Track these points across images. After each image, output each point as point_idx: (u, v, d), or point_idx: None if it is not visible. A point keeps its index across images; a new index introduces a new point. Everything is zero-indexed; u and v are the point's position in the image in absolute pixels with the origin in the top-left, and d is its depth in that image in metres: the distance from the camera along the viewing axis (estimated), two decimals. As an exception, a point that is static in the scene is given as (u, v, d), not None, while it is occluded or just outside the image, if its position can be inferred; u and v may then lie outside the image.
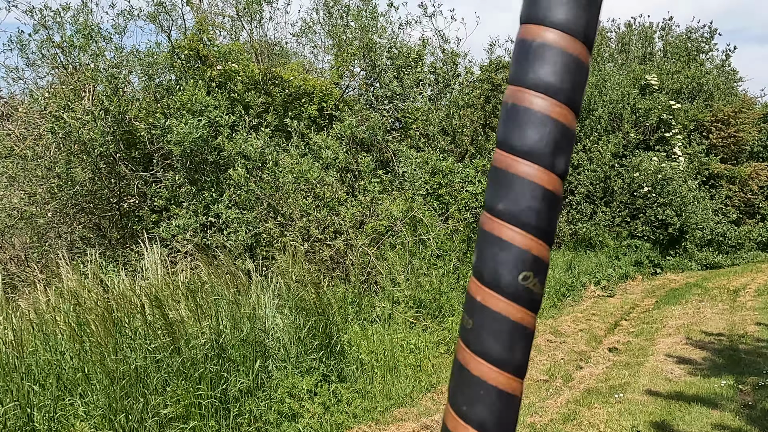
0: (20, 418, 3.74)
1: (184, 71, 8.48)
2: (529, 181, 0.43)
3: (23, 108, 8.62)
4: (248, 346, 4.64)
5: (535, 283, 0.43)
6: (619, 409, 5.02)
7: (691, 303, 9.59)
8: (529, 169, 0.43)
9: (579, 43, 0.42)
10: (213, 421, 4.09)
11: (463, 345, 0.45)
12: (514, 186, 0.43)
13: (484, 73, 11.27)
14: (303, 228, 7.57)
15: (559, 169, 0.43)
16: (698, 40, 18.92)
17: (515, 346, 0.44)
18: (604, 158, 14.18)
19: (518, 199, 0.43)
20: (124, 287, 5.19)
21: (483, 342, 0.44)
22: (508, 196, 0.43)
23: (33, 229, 7.95)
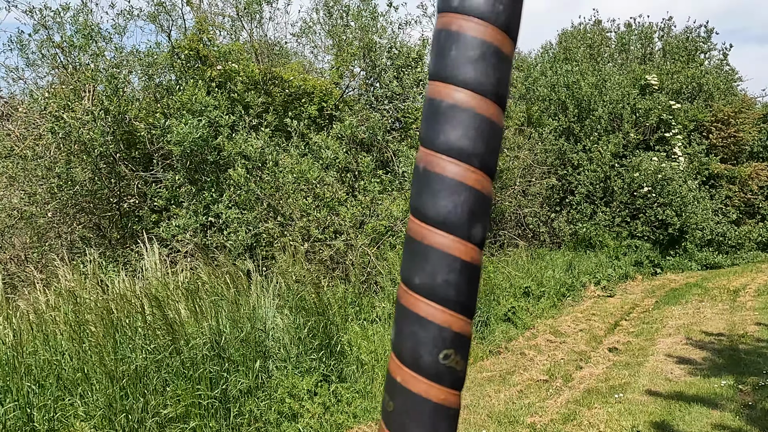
0: (20, 418, 3.74)
1: (184, 71, 8.48)
2: (445, 252, 0.40)
3: (23, 108, 8.62)
4: (248, 346, 4.64)
5: (458, 360, 0.41)
6: (619, 409, 5.01)
7: (691, 303, 9.59)
8: (444, 240, 0.40)
9: (491, 102, 0.40)
10: (213, 421, 4.09)
11: (384, 428, 0.43)
12: (429, 258, 0.41)
13: (484, 73, 11.25)
14: (303, 228, 7.57)
15: (476, 238, 0.41)
16: (696, 40, 18.92)
17: (437, 428, 0.41)
18: (604, 158, 14.17)
19: (435, 272, 0.41)
20: (124, 287, 5.19)
21: (404, 426, 0.41)
22: (425, 269, 0.41)
23: (33, 229, 7.95)
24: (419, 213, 0.41)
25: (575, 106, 15.02)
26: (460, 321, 0.41)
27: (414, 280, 0.41)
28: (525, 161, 13.20)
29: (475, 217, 0.41)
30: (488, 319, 7.52)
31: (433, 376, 0.41)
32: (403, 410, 0.41)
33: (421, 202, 0.41)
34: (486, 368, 6.22)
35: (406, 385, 0.41)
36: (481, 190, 0.41)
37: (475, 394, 5.44)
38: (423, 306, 0.41)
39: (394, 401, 0.42)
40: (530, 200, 13.45)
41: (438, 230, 0.40)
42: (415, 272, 0.41)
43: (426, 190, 0.41)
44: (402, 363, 0.42)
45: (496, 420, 4.83)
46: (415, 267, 0.41)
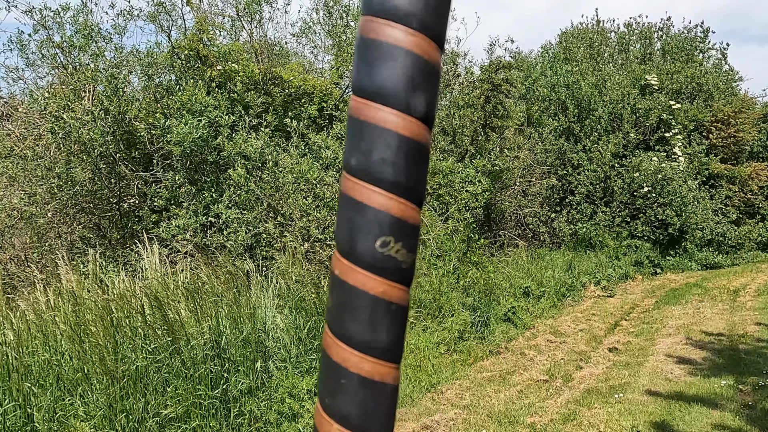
0: (20, 418, 3.74)
1: (184, 71, 8.48)
2: (381, 127, 0.36)
3: (23, 108, 8.62)
4: (248, 347, 4.64)
5: (398, 249, 0.37)
6: (619, 409, 5.01)
7: (691, 303, 9.59)
8: (380, 114, 0.36)
9: (418, 122, 0.37)
10: (214, 421, 4.09)
11: (326, 328, 0.39)
12: (365, 135, 0.37)
13: (484, 73, 11.27)
14: (303, 228, 7.57)
15: (417, 110, 0.36)
16: (694, 40, 18.93)
17: (378, 325, 0.37)
18: (604, 158, 14.18)
19: (370, 150, 0.37)
20: (124, 287, 5.19)
21: (342, 323, 0.38)
22: (360, 149, 0.37)
23: (33, 229, 7.95)
24: (357, 88, 0.37)
25: (575, 106, 15.02)
26: (400, 205, 0.37)
27: (351, 162, 0.37)
28: (525, 161, 13.20)
29: (417, 86, 0.36)
30: (488, 319, 7.51)
31: (368, 266, 0.37)
32: (339, 304, 0.38)
33: (358, 75, 0.37)
34: (486, 368, 6.22)
35: (343, 278, 0.38)
36: (423, 55, 0.36)
37: (475, 394, 5.44)
38: (359, 189, 0.37)
39: (332, 296, 0.38)
40: (530, 200, 13.46)
41: (373, 102, 0.36)
42: (352, 154, 0.37)
43: (362, 61, 0.37)
44: (340, 254, 0.38)
45: (496, 420, 4.83)
46: (352, 148, 0.37)
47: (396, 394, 0.39)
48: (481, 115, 11.01)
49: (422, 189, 0.38)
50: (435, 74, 0.37)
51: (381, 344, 0.37)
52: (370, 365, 0.37)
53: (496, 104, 11.09)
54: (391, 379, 0.38)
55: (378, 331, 0.37)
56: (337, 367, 0.38)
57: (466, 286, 7.86)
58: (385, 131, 0.36)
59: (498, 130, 11.48)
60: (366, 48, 0.37)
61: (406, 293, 0.38)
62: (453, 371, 6.03)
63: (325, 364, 0.39)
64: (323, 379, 0.39)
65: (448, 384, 5.68)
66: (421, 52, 0.36)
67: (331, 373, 0.38)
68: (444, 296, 7.30)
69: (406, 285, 0.38)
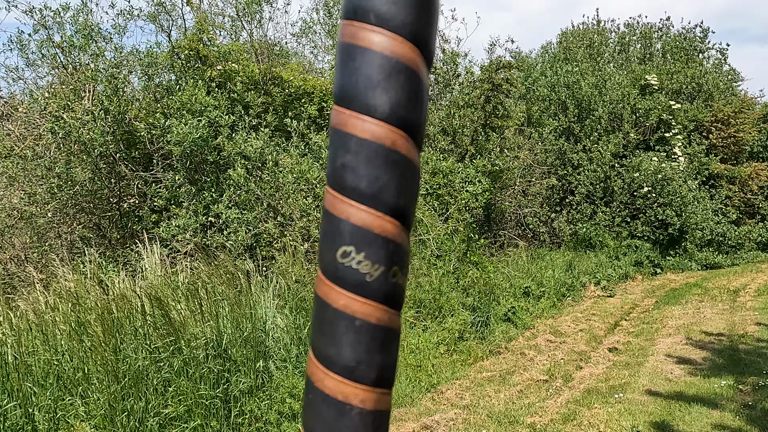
0: (21, 418, 3.74)
1: (184, 71, 8.47)
2: (342, 131, 0.35)
3: (23, 108, 8.62)
4: (249, 346, 4.64)
5: (360, 260, 0.35)
6: (619, 409, 5.02)
7: (691, 303, 9.59)
8: (341, 117, 0.35)
9: (401, 133, 0.35)
10: (214, 421, 4.09)
11: None
12: (332, 141, 0.35)
13: (485, 73, 11.27)
14: (303, 228, 7.57)
15: (379, 112, 0.34)
16: (694, 40, 18.93)
17: (340, 340, 0.35)
18: (604, 158, 14.18)
19: (334, 156, 0.35)
20: (124, 287, 5.19)
21: (313, 335, 0.37)
22: (329, 156, 0.36)
23: (33, 229, 7.95)
24: (339, 100, 0.36)
25: (575, 106, 15.02)
26: (362, 212, 0.34)
27: (327, 173, 0.36)
28: (525, 161, 13.21)
29: (376, 84, 0.34)
30: (488, 319, 7.51)
31: (331, 277, 0.35)
32: (313, 316, 0.37)
33: (339, 84, 0.35)
34: (486, 368, 6.22)
35: (315, 289, 0.37)
36: (383, 52, 0.34)
37: (475, 394, 5.44)
38: (327, 197, 0.36)
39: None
40: (530, 200, 13.46)
41: (337, 106, 0.35)
42: (329, 164, 0.36)
43: (336, 65, 0.35)
44: (319, 268, 0.37)
45: (496, 420, 4.83)
46: (333, 157, 0.36)
47: (369, 419, 0.36)
48: (481, 115, 11.01)
49: (390, 197, 0.35)
50: (406, 72, 0.34)
51: (343, 361, 0.35)
52: (333, 383, 0.36)
53: (496, 104, 11.09)
54: (358, 401, 0.35)
55: (340, 346, 0.35)
56: (307, 381, 0.37)
57: (466, 286, 7.86)
58: (345, 135, 0.35)
59: (498, 130, 11.48)
60: (339, 52, 0.35)
61: (377, 310, 0.35)
62: (453, 371, 6.03)
63: (307, 385, 0.38)
64: (305, 393, 0.38)
65: (448, 384, 5.68)
66: (385, 51, 0.34)
67: (306, 387, 0.37)
68: (444, 296, 7.30)
69: (375, 300, 0.35)
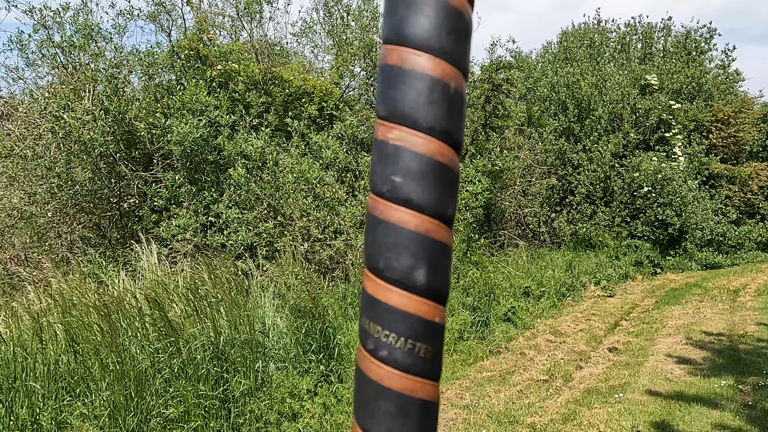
0: (25, 419, 3.74)
1: (184, 71, 8.47)
2: (396, 145, 0.39)
3: (23, 108, 8.61)
4: (248, 347, 4.64)
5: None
6: (619, 409, 5.02)
7: (691, 303, 9.59)
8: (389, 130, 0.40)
9: (443, 144, 0.39)
10: (214, 422, 4.09)
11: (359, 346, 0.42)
12: (386, 153, 0.40)
13: (485, 73, 11.26)
14: (303, 228, 7.57)
15: (428, 127, 0.38)
16: (698, 41, 18.92)
17: None
18: (604, 158, 14.17)
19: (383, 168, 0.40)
20: (124, 287, 5.19)
21: None
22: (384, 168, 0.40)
23: (33, 229, 7.95)
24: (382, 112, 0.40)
25: (575, 106, 15.02)
26: (426, 222, 0.39)
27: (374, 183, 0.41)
28: (525, 161, 13.20)
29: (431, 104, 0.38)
30: (488, 318, 7.51)
31: (380, 276, 0.40)
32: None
33: (382, 99, 0.39)
34: (486, 368, 6.22)
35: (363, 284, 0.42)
36: (442, 78, 0.38)
37: (475, 394, 5.44)
38: (377, 206, 0.40)
39: None
40: (530, 200, 13.45)
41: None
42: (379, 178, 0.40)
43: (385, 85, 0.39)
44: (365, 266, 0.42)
45: (496, 420, 4.83)
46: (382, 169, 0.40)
47: None
48: (481, 114, 11.01)
49: (438, 205, 0.39)
50: (456, 97, 0.38)
51: None
52: None
53: (496, 104, 11.09)
54: None
55: None
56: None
57: (466, 286, 7.86)
58: (396, 147, 0.38)
59: (498, 129, 11.48)
60: (384, 73, 0.39)
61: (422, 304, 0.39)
62: (453, 371, 6.03)
63: None
64: None
65: (448, 384, 5.68)
66: (442, 76, 0.37)
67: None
68: (444, 296, 7.28)
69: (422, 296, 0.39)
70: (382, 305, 0.38)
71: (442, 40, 0.37)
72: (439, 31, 0.37)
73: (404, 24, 0.38)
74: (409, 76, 0.37)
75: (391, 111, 0.38)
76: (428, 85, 0.37)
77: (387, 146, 0.38)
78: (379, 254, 0.39)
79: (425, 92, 0.37)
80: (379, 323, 0.38)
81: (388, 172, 0.38)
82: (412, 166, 0.38)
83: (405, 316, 0.38)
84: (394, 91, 0.38)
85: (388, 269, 0.38)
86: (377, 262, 0.39)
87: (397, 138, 0.38)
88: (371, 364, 0.39)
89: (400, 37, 0.38)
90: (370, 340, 0.39)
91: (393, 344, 0.38)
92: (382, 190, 0.39)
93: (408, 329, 0.38)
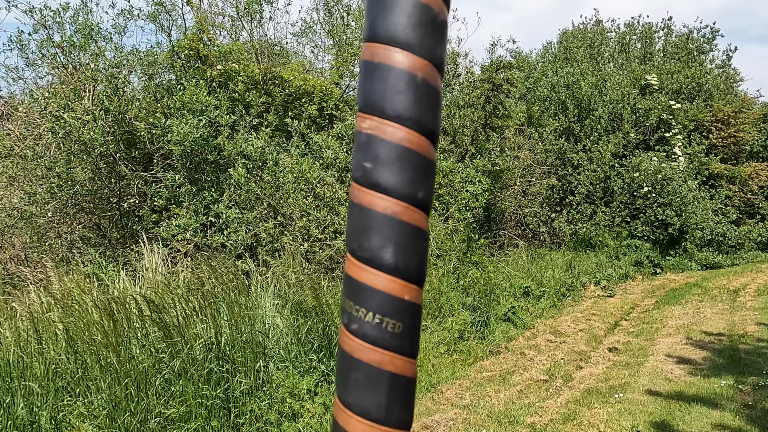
0: (24, 418, 3.74)
1: (184, 71, 8.47)
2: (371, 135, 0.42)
3: (23, 108, 8.61)
4: (249, 347, 4.64)
5: None
6: (619, 409, 5.01)
7: (691, 303, 9.59)
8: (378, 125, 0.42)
9: (419, 135, 0.41)
10: (215, 421, 4.09)
11: None
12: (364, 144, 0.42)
13: (485, 73, 11.26)
14: (303, 228, 7.56)
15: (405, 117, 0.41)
16: (699, 41, 18.91)
17: None
18: (604, 158, 14.17)
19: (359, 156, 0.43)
20: (125, 287, 5.19)
21: None
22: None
23: (33, 229, 7.94)
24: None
25: (575, 106, 15.01)
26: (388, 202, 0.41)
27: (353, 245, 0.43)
28: (525, 161, 13.20)
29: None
30: (488, 319, 7.51)
31: (360, 260, 0.42)
32: None
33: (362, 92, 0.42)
34: (486, 368, 6.22)
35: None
36: (416, 72, 0.41)
37: (475, 394, 5.44)
38: (355, 193, 0.43)
39: None
40: (530, 200, 13.45)
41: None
42: (352, 238, 0.43)
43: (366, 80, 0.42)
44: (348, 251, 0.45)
45: (496, 420, 4.83)
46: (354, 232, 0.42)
47: None
48: (481, 114, 11.01)
49: (413, 190, 0.41)
50: (424, 86, 0.41)
51: None
52: None
53: (496, 104, 11.09)
54: None
55: None
56: None
57: (466, 286, 7.86)
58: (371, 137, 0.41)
59: (498, 130, 11.48)
60: (364, 68, 0.42)
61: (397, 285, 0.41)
62: (453, 371, 6.03)
63: None
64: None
65: (448, 384, 5.68)
66: (408, 68, 0.40)
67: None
68: (444, 296, 7.29)
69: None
70: (355, 283, 0.41)
71: (409, 34, 0.40)
72: (405, 26, 0.40)
73: (375, 22, 0.41)
74: (377, 68, 0.40)
75: (365, 102, 0.41)
76: (394, 75, 0.40)
77: (361, 135, 0.41)
78: (353, 236, 0.42)
79: (392, 83, 0.40)
80: (353, 299, 0.41)
81: (360, 158, 0.41)
82: (380, 152, 0.40)
83: (374, 293, 0.41)
84: (367, 84, 0.41)
85: (359, 249, 0.41)
86: (352, 244, 0.42)
87: (369, 127, 0.41)
88: (345, 338, 0.42)
89: (372, 35, 0.41)
90: (345, 316, 0.42)
91: (362, 318, 0.41)
92: (357, 175, 0.42)
93: (376, 305, 0.41)
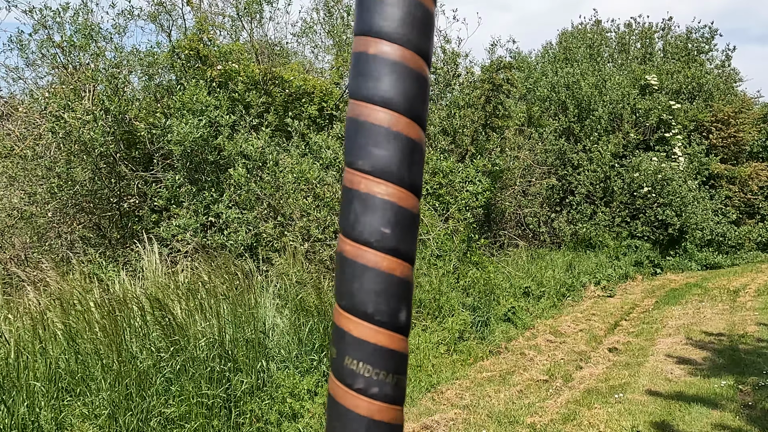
0: (25, 418, 3.74)
1: (184, 71, 8.47)
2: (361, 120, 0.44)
3: (23, 108, 8.61)
4: (249, 347, 4.64)
5: None
6: (619, 409, 5.02)
7: (691, 303, 9.59)
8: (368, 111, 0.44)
9: (409, 120, 0.43)
10: (216, 421, 4.09)
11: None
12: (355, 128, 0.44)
13: (485, 73, 11.26)
14: (303, 228, 7.57)
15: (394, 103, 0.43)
16: (698, 41, 18.91)
17: None
18: (604, 158, 14.17)
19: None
20: (125, 287, 5.19)
21: None
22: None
23: (33, 229, 7.95)
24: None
25: (575, 106, 15.02)
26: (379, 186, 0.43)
27: (347, 228, 0.46)
28: (525, 161, 13.20)
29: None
30: (488, 319, 7.51)
31: (354, 239, 0.44)
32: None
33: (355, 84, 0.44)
34: (486, 368, 6.22)
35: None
36: (406, 63, 0.43)
37: (475, 394, 5.44)
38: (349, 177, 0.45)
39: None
40: (530, 200, 13.45)
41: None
42: (345, 220, 0.46)
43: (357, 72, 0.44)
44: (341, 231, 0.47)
45: (496, 420, 4.83)
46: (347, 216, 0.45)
47: None
48: (481, 115, 11.01)
49: (402, 172, 0.44)
50: (399, 66, 0.43)
51: None
52: None
53: (496, 104, 11.08)
54: None
55: None
56: None
57: (466, 286, 7.86)
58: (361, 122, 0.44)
59: (498, 130, 11.47)
60: (355, 59, 0.44)
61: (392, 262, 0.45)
62: (453, 371, 6.03)
63: None
64: None
65: (448, 384, 5.68)
66: (383, 54, 0.43)
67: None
68: (444, 296, 7.30)
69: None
70: (339, 255, 0.45)
71: (397, 27, 0.43)
72: (394, 19, 0.43)
73: (359, 18, 0.44)
74: (367, 59, 0.43)
75: (350, 89, 0.45)
76: (383, 65, 0.43)
77: (352, 121, 0.45)
78: (340, 215, 0.45)
79: (381, 72, 0.43)
80: (335, 271, 0.46)
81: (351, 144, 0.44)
82: (356, 136, 0.44)
83: (353, 264, 0.44)
84: (352, 72, 0.44)
85: (342, 225, 0.45)
86: (340, 224, 0.45)
87: (360, 113, 0.44)
88: (337, 314, 0.45)
89: (357, 29, 0.44)
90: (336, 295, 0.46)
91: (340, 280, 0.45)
92: (349, 160, 0.45)
93: (355, 272, 0.44)
